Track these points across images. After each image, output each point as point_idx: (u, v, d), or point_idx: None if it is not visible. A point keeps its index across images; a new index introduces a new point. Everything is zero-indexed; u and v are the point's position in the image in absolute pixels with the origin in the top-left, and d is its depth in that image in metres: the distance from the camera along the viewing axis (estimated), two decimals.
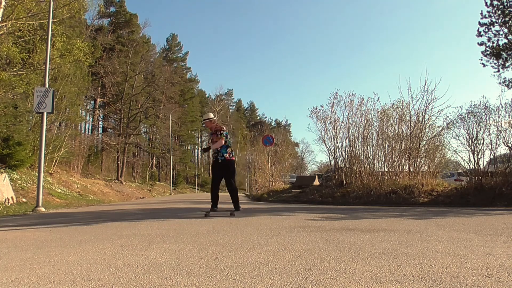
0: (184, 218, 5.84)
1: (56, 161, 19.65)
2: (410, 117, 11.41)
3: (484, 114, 9.29)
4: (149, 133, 48.43)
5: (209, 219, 5.67)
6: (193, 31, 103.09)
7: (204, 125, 6.61)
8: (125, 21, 41.64)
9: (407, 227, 4.00)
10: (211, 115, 6.50)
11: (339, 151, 13.02)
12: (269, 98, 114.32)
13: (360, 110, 12.57)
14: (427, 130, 11.11)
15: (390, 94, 46.46)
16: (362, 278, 1.85)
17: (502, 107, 9.16)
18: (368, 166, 11.85)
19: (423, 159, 10.91)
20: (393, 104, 11.96)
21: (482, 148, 9.18)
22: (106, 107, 38.70)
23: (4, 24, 11.93)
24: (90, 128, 43.44)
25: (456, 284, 1.71)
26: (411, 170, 10.73)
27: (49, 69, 10.16)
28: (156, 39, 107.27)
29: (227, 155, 6.10)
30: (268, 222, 4.85)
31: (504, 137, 8.99)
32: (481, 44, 14.67)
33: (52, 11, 10.28)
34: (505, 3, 13.85)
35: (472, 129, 9.26)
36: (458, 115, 9.78)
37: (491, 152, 9.13)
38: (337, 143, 13.05)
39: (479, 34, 14.61)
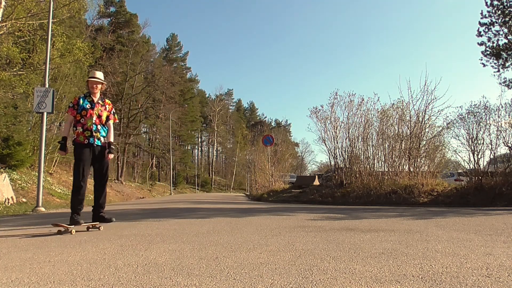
0: (184, 218, 5.83)
1: (56, 161, 19.64)
2: (410, 117, 11.42)
3: (484, 114, 9.30)
4: (149, 133, 48.44)
5: (209, 219, 5.65)
6: (193, 31, 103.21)
7: (91, 85, 4.38)
8: (125, 21, 41.62)
9: (407, 227, 4.00)
10: (102, 76, 4.56)
11: (339, 151, 13.03)
12: (269, 98, 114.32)
13: (360, 110, 12.58)
14: (427, 130, 11.12)
15: (390, 94, 46.39)
16: (362, 278, 1.85)
17: (502, 107, 9.18)
18: (368, 166, 11.85)
19: (423, 159, 10.91)
20: (393, 104, 11.98)
21: (482, 148, 9.18)
22: None
23: (4, 24, 11.93)
24: None
25: (456, 284, 1.71)
26: (411, 170, 10.73)
27: (49, 69, 10.15)
28: (156, 39, 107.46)
29: (103, 139, 4.41)
30: (268, 222, 4.85)
31: (504, 137, 8.99)
32: (481, 44, 14.67)
33: (52, 11, 10.28)
34: (505, 3, 13.84)
35: (472, 129, 9.27)
36: (458, 115, 9.79)
37: (491, 152, 9.14)
38: (337, 143, 13.06)
39: (479, 34, 14.60)
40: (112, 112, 4.57)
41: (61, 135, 4.34)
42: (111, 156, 4.44)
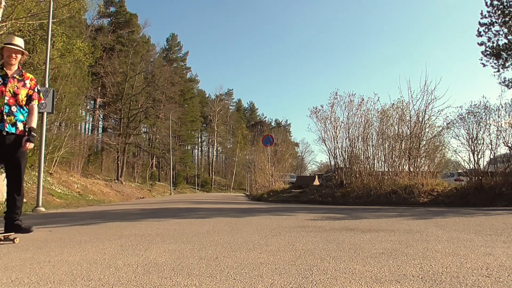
0: (184, 218, 5.83)
1: (56, 161, 19.65)
2: (410, 117, 11.42)
3: (484, 114, 9.30)
4: (149, 133, 48.43)
5: (209, 219, 5.65)
6: (193, 31, 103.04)
7: (8, 54, 3.38)
8: (125, 21, 41.64)
9: (407, 227, 3.99)
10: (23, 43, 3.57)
11: (339, 151, 13.04)
12: (269, 98, 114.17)
13: (360, 110, 12.59)
14: (427, 130, 11.12)
15: (390, 94, 46.29)
16: (362, 278, 1.85)
17: (502, 107, 9.18)
18: (368, 166, 11.85)
19: (423, 159, 10.91)
20: (393, 104, 11.98)
21: (482, 148, 9.19)
22: (106, 107, 38.70)
23: (4, 24, 11.94)
24: (90, 128, 43.52)
25: (456, 284, 1.71)
26: (411, 170, 10.73)
27: (49, 69, 10.16)
28: (156, 39, 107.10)
29: (21, 125, 3.43)
30: (268, 222, 4.85)
31: (504, 137, 8.99)
32: (481, 44, 14.68)
33: (52, 11, 10.29)
34: (505, 3, 13.85)
35: (472, 129, 9.27)
36: (458, 115, 9.80)
37: (491, 152, 9.14)
38: (337, 143, 13.07)
39: (479, 34, 14.62)
40: (36, 90, 3.56)
41: None
42: (29, 145, 3.39)
